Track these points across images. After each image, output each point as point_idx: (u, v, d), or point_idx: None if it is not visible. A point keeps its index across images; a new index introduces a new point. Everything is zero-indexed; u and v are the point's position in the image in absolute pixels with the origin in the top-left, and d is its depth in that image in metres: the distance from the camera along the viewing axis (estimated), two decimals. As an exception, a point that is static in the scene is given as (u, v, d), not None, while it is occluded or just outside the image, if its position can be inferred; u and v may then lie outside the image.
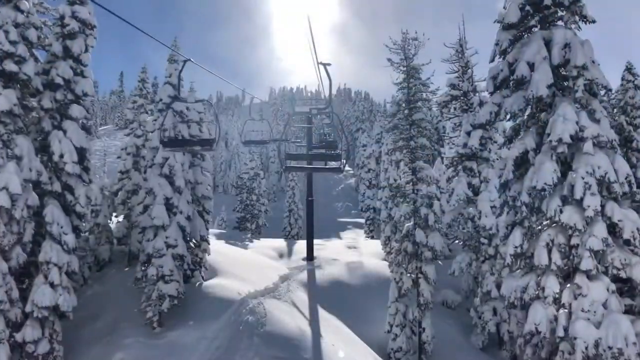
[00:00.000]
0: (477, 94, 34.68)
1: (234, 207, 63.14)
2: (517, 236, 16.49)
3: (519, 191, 17.09)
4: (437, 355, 29.02)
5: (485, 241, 31.62)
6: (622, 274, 15.35)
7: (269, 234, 63.04)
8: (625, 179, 15.88)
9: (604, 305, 15.06)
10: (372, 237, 59.24)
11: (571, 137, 15.72)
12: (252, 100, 27.30)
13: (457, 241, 32.94)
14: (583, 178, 15.68)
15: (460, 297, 34.88)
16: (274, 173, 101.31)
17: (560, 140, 15.78)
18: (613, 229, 15.77)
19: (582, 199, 15.57)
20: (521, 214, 16.48)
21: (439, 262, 30.25)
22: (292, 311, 27.49)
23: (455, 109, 36.86)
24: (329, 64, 13.87)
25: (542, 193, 15.82)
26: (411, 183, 29.91)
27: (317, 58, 13.85)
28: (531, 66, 16.87)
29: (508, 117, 17.53)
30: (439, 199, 31.64)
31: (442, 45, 34.75)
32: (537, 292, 16.19)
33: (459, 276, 33.18)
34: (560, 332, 15.10)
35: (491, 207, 31.45)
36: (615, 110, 18.99)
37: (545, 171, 15.82)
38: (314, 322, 27.88)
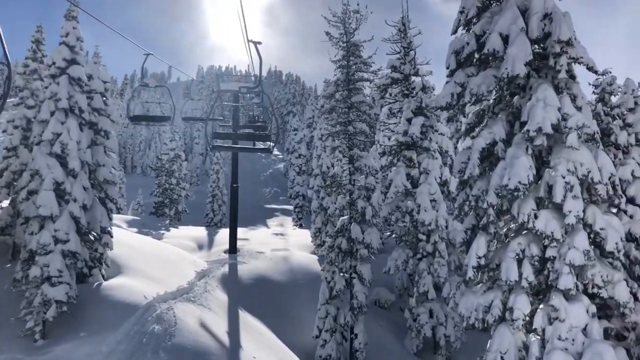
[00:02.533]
0: (419, 78, 31.86)
1: (151, 191, 57.95)
2: (481, 244, 13.56)
3: (484, 190, 14.15)
4: (369, 363, 26.19)
5: (424, 237, 29.01)
6: (603, 293, 12.78)
7: (190, 221, 58.41)
8: (609, 179, 13.25)
9: (584, 332, 12.42)
10: (301, 226, 56.04)
11: (553, 126, 12.88)
12: (190, 81, 26.36)
13: (393, 236, 30.15)
14: (564, 177, 12.90)
15: (394, 295, 32.24)
16: (198, 155, 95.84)
17: (539, 130, 12.88)
18: (594, 239, 13.14)
19: (562, 203, 12.80)
20: (487, 217, 13.56)
21: (372, 257, 27.33)
22: (209, 317, 23.66)
23: (390, 94, 33.99)
24: (259, 43, 13.79)
25: (515, 194, 12.92)
26: (348, 173, 26.70)
27: (247, 35, 13.28)
28: (505, 39, 13.88)
29: (474, 99, 14.48)
30: (381, 192, 28.64)
31: (385, 22, 31.54)
32: (503, 313, 13.35)
33: (394, 274, 30.49)
34: (532, 365, 12.37)
35: (431, 201, 28.86)
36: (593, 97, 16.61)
37: (520, 167, 12.90)
38: (233, 329, 24.23)
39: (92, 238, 23.68)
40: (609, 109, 15.89)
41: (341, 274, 26.13)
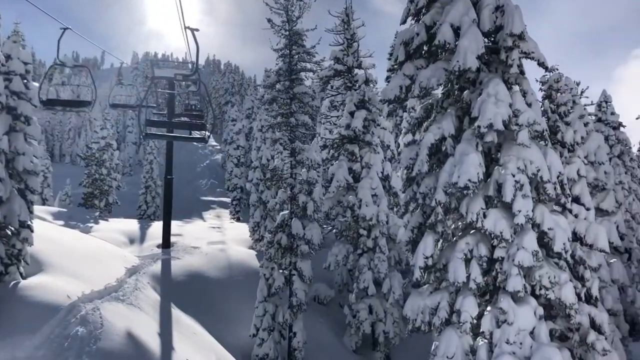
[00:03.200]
0: (362, 71, 31.31)
1: (80, 181, 54.93)
2: (428, 244, 13.03)
3: (432, 187, 13.61)
4: (308, 362, 25.47)
5: (365, 232, 28.57)
6: (550, 295, 12.52)
7: (121, 213, 55.84)
8: (558, 178, 13.00)
9: (532, 335, 12.12)
10: (239, 220, 54.69)
11: (504, 123, 12.46)
12: (122, 65, 25.69)
13: (333, 231, 29.54)
14: (514, 176, 12.53)
15: (334, 291, 31.69)
16: (131, 144, 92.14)
17: (490, 126, 12.43)
18: (542, 239, 12.86)
19: (512, 202, 12.41)
20: (435, 216, 13.02)
21: (313, 253, 26.57)
22: (139, 317, 22.19)
23: (332, 87, 33.33)
24: (196, 30, 13.67)
25: (465, 192, 12.43)
26: (289, 166, 25.78)
27: (184, 22, 12.97)
28: (456, 31, 13.34)
29: (423, 93, 13.88)
30: (322, 186, 27.88)
31: (329, 12, 30.73)
32: (450, 316, 12.88)
33: (334, 269, 29.93)
34: (480, 370, 11.94)
35: (372, 196, 28.45)
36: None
37: (470, 164, 12.42)
38: (165, 329, 22.87)
39: (9, 233, 21.71)
40: (555, 107, 15.75)
41: (280, 271, 25.25)
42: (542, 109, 15.74)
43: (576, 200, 15.11)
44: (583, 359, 13.00)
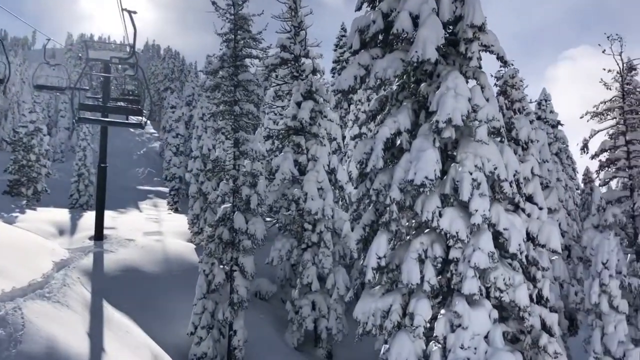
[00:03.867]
0: (309, 60, 30.49)
1: (5, 167, 51.45)
2: (381, 243, 12.37)
3: (387, 184, 12.96)
4: (248, 360, 24.53)
5: (310, 227, 27.83)
6: (505, 297, 12.15)
7: (51, 202, 52.73)
8: (514, 176, 12.62)
9: (486, 339, 11.70)
10: (177, 210, 52.78)
11: (463, 118, 11.91)
12: (48, 42, 23.94)
13: (277, 224, 28.64)
14: (471, 173, 12.04)
15: (276, 286, 30.83)
16: (64, 129, 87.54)
17: (449, 122, 11.86)
18: (496, 239, 12.45)
19: (469, 201, 11.91)
20: (390, 214, 12.37)
21: (256, 248, 25.54)
22: (67, 316, 20.55)
23: (277, 76, 32.37)
24: (134, 12, 13.50)
25: (421, 190, 11.84)
26: (232, 157, 24.63)
27: (121, 3, 12.99)
28: (415, 19, 12.69)
29: (378, 83, 13.16)
30: (265, 178, 26.88)
31: (277, -3, 29.66)
32: (402, 318, 12.30)
33: (277, 264, 29.05)
34: (433, 377, 11.40)
35: (318, 190, 27.74)
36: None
37: (427, 161, 11.82)
38: (96, 329, 21.33)
39: None
40: (510, 103, 15.46)
41: (221, 266, 24.17)
42: (498, 105, 15.37)
43: (529, 199, 14.86)
44: (533, 361, 12.75)
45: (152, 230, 37.59)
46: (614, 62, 22.39)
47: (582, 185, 28.36)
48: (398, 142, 13.19)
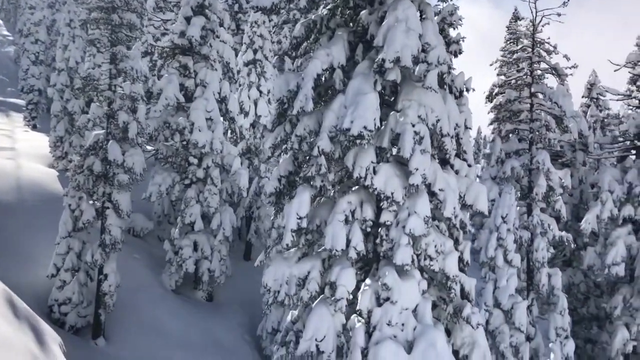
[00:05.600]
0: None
1: None
2: (303, 201, 10.35)
3: (312, 130, 10.81)
4: (120, 306, 21.89)
5: (195, 161, 25.13)
6: (435, 266, 10.82)
7: None
8: (454, 130, 11.08)
9: (414, 313, 10.38)
10: (35, 128, 46.51)
11: (413, 58, 9.96)
12: None
13: (158, 156, 25.49)
14: (413, 125, 10.27)
15: (152, 223, 27.93)
16: None
17: (397, 61, 9.84)
18: (430, 202, 10.94)
19: (409, 158, 10.19)
20: (317, 167, 10.28)
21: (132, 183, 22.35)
22: None
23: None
24: None
25: (358, 142, 9.88)
26: (108, 75, 20.86)
27: None
28: None
29: (310, 5, 10.69)
30: (146, 103, 23.37)
31: None
32: (322, 288, 10.57)
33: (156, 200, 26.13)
34: (355, 358, 9.84)
35: (207, 120, 24.91)
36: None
37: (367, 107, 9.79)
38: None
39: None
40: (446, 45, 13.74)
41: (91, 202, 20.86)
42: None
43: (458, 155, 13.52)
44: (449, 330, 11.77)
45: (4, 152, 32.37)
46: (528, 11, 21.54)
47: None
48: (332, 81, 10.95)
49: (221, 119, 25.49)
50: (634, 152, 23.95)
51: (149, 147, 26.40)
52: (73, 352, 18.87)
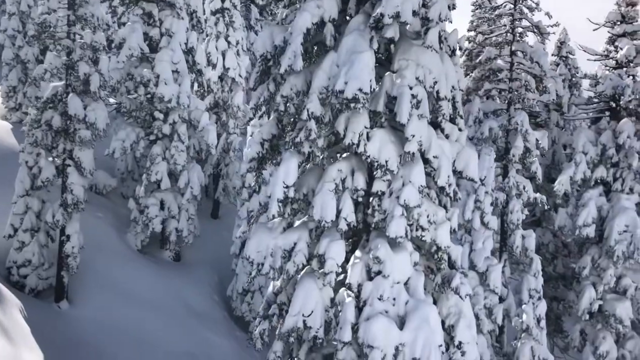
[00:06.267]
0: None
1: None
2: (291, 169, 9.50)
3: (299, 91, 9.86)
4: (83, 268, 20.88)
5: (161, 116, 23.81)
6: (426, 236, 10.24)
7: None
8: (451, 92, 10.32)
9: (406, 286, 9.83)
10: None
11: (414, 14, 9.05)
12: None
13: (121, 110, 24.03)
14: (411, 88, 9.46)
15: (116, 180, 26.62)
16: None
17: (396, 16, 8.93)
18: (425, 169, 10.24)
19: (406, 124, 9.41)
20: (306, 132, 9.40)
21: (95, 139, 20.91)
22: None
23: None
24: None
25: (353, 105, 9.03)
26: (66, 22, 19.16)
27: None
28: None
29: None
30: (108, 54, 21.73)
31: None
32: (309, 261, 9.89)
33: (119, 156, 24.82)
34: (345, 334, 9.25)
35: (173, 72, 23.52)
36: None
37: (363, 67, 8.89)
38: None
39: None
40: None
41: (50, 159, 19.53)
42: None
43: (453, 119, 12.79)
44: (435, 299, 11.32)
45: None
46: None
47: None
48: (323, 36, 9.95)
49: (188, 71, 24.04)
50: (608, 113, 23.75)
51: (111, 100, 24.76)
52: (35, 316, 18.01)
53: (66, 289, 20.15)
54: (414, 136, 9.44)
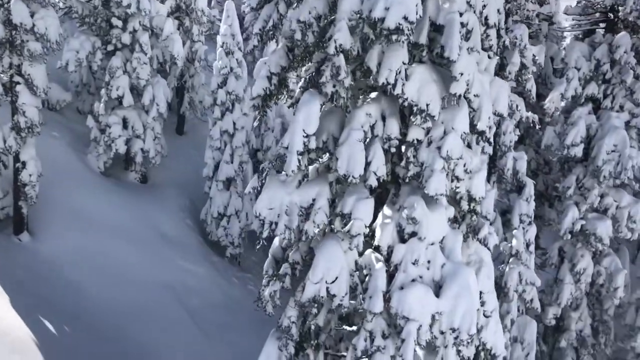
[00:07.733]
0: None
1: None
2: (312, 115, 7.68)
3: (321, 15, 7.84)
4: (43, 195, 18.80)
5: (119, 23, 20.92)
6: (461, 187, 8.88)
7: None
8: (497, 16, 8.53)
9: (441, 247, 8.57)
10: None
11: None
12: None
13: (73, 17, 20.94)
14: (461, 15, 7.64)
15: (70, 94, 23.86)
16: None
17: None
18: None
19: (455, 60, 7.66)
20: (333, 70, 7.50)
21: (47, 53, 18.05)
22: None
23: None
24: None
25: (394, 37, 7.18)
26: None
27: None
28: None
29: None
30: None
31: None
32: (331, 221, 8.43)
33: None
34: (376, 305, 7.97)
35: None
36: None
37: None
38: None
39: None
40: None
41: (-3, 75, 16.84)
42: None
43: (489, 47, 10.99)
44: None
45: None
46: None
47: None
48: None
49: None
50: (603, 25, 22.28)
51: (60, 4, 21.50)
52: (-6, 250, 16.30)
53: (26, 220, 18.20)
54: (462, 75, 7.77)
